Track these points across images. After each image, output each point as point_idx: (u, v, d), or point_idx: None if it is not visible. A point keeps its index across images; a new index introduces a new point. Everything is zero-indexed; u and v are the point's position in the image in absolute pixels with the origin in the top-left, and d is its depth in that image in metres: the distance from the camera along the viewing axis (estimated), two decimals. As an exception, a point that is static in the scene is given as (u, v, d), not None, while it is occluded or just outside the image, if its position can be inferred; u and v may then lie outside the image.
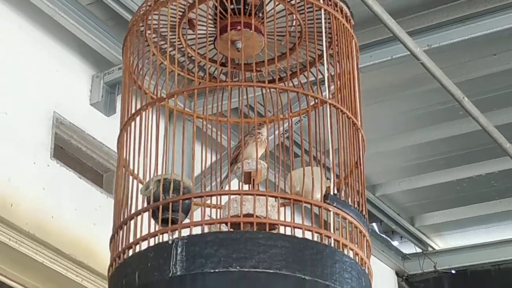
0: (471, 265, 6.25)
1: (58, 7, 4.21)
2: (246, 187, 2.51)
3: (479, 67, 4.77)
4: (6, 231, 3.88)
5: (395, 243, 6.27)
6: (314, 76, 2.69)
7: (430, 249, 6.33)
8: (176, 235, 2.21)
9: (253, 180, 2.51)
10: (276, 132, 2.77)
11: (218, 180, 2.70)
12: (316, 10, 2.59)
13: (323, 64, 2.60)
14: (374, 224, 6.15)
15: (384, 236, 6.19)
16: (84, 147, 4.48)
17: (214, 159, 2.67)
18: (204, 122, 2.67)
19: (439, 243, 6.36)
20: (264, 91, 2.53)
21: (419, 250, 6.31)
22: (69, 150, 4.46)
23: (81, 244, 4.17)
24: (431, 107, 5.08)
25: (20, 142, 4.07)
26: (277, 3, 2.62)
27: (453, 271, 6.31)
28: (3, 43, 4.15)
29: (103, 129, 4.49)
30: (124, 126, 2.49)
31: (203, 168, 2.51)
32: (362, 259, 2.34)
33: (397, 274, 6.38)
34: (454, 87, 4.36)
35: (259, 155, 2.56)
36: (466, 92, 4.50)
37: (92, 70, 4.55)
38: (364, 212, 2.42)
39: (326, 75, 2.54)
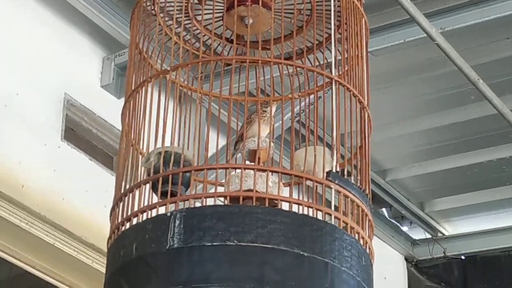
0: (480, 251, 6.22)
1: (69, -12, 4.20)
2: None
3: (492, 51, 4.72)
4: (17, 212, 3.89)
5: (405, 228, 6.25)
6: (323, 57, 2.67)
7: (439, 234, 6.30)
8: (175, 207, 2.21)
9: (258, 158, 2.50)
10: (285, 111, 2.75)
11: (224, 157, 2.69)
12: (326, -13, 2.57)
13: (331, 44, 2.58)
14: (383, 209, 6.13)
15: (393, 221, 6.17)
16: (95, 129, 4.48)
17: (222, 137, 2.65)
18: (209, 100, 2.66)
19: (448, 228, 6.34)
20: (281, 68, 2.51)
21: (428, 236, 6.28)
22: (80, 132, 4.46)
23: (92, 226, 4.17)
24: (442, 91, 5.05)
25: (31, 124, 4.07)
26: (286, -21, 2.60)
27: (462, 257, 6.28)
28: (13, 25, 4.14)
29: (114, 111, 4.46)
30: (129, 98, 2.48)
31: (208, 144, 2.50)
32: (363, 238, 2.33)
33: (406, 259, 6.36)
34: (469, 69, 4.33)
35: (264, 134, 2.55)
36: (478, 76, 4.47)
37: (102, 52, 4.54)
38: (367, 191, 2.40)
39: (333, 53, 2.52)
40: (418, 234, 6.32)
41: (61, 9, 4.32)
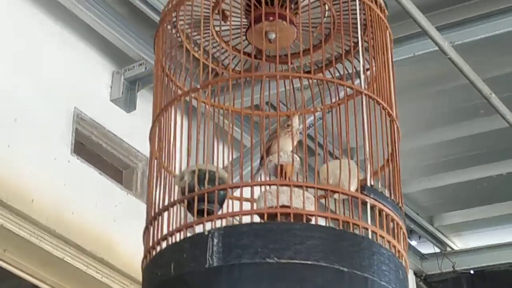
0: (489, 265, 6.21)
1: (79, 2, 4.20)
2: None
3: (503, 64, 4.73)
4: (27, 226, 3.87)
5: (414, 242, 6.24)
6: (347, 69, 2.65)
7: (448, 249, 6.29)
8: (211, 226, 2.18)
9: (285, 173, 2.48)
10: (307, 124, 2.74)
11: (247, 174, 2.66)
12: (350, 1, 2.56)
13: (357, 56, 2.57)
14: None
15: (402, 235, 6.14)
16: (104, 143, 4.47)
17: (245, 151, 2.64)
18: (234, 116, 2.65)
19: (457, 243, 6.32)
20: (301, 82, 2.49)
21: (437, 250, 6.27)
22: (90, 146, 4.45)
23: (102, 240, 4.16)
24: (452, 105, 5.05)
25: (40, 138, 4.06)
26: (310, -7, 2.59)
27: (471, 272, 6.27)
28: (24, 38, 4.14)
29: (123, 126, 4.49)
30: (157, 118, 2.46)
31: (242, 160, 2.49)
32: (399, 251, 2.31)
33: (415, 274, 6.34)
34: (482, 83, 4.33)
35: (290, 148, 2.53)
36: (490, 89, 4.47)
37: (112, 66, 4.54)
38: (400, 204, 2.38)
39: (361, 65, 2.51)
40: (427, 248, 6.31)
41: (70, 23, 4.32)
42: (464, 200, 5.89)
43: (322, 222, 2.21)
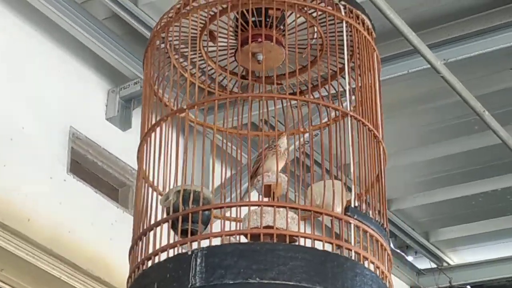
0: (486, 280, 6.21)
1: (75, 22, 4.22)
2: (266, 200, 2.50)
3: (495, 81, 4.75)
4: (23, 245, 3.88)
5: (410, 258, 6.24)
6: (335, 89, 2.68)
7: (445, 264, 6.30)
8: (195, 246, 2.20)
9: (273, 193, 2.50)
10: (296, 144, 2.76)
11: (238, 192, 2.68)
12: (338, 23, 2.58)
13: (344, 77, 2.60)
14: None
15: (398, 251, 6.16)
16: (100, 161, 4.48)
17: (233, 172, 2.66)
18: (222, 136, 2.67)
19: (454, 258, 6.33)
20: (284, 104, 2.52)
21: (434, 266, 6.28)
22: (85, 165, 4.46)
23: (98, 259, 4.16)
24: (446, 121, 5.07)
25: (36, 157, 4.08)
26: (298, 15, 2.61)
27: (468, 287, 6.27)
28: (19, 57, 4.16)
29: (119, 144, 4.49)
30: (144, 137, 2.48)
31: (223, 180, 2.51)
32: (383, 272, 2.33)
33: (411, 289, 6.35)
34: (474, 100, 4.35)
35: (279, 168, 2.54)
36: (483, 107, 4.48)
37: (108, 85, 4.56)
38: (385, 225, 2.40)
39: (347, 87, 2.53)
40: (424, 264, 6.31)
41: (66, 42, 4.34)
42: (460, 216, 5.90)
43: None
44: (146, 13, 4.35)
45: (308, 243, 2.26)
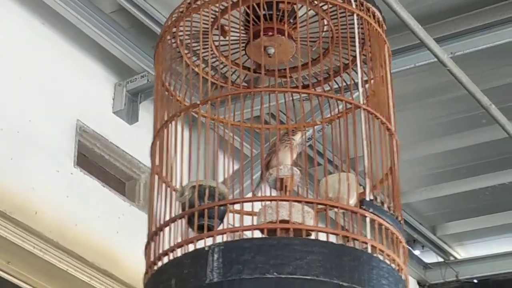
0: (493, 274, 6.21)
1: (81, 15, 4.22)
2: (278, 193, 2.49)
3: (503, 75, 4.74)
4: (30, 239, 3.89)
5: (417, 252, 6.24)
6: (346, 82, 2.68)
7: (452, 258, 6.30)
8: (212, 241, 2.20)
9: (286, 186, 2.49)
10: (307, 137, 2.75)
11: (250, 185, 2.67)
12: (349, 15, 2.58)
13: (355, 69, 2.59)
14: (395, 233, 6.11)
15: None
16: (107, 155, 4.49)
17: (245, 164, 2.65)
18: (234, 130, 2.66)
19: (461, 252, 6.32)
20: (300, 97, 2.51)
21: (441, 260, 6.27)
22: (92, 158, 4.46)
23: (105, 252, 4.17)
24: (453, 115, 5.06)
25: (43, 150, 4.08)
26: (309, 8, 2.60)
27: (475, 281, 6.27)
28: (27, 51, 4.16)
29: (126, 137, 4.50)
30: (158, 133, 2.47)
31: (234, 175, 2.50)
32: (399, 265, 2.32)
33: (418, 283, 6.34)
34: (481, 94, 4.34)
35: (290, 161, 2.54)
36: (490, 100, 4.48)
37: (114, 78, 4.56)
38: (400, 218, 2.39)
39: (359, 80, 2.52)
40: (430, 258, 6.31)
41: (73, 36, 4.34)
42: (467, 210, 5.89)
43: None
44: (153, 6, 4.35)
45: (322, 237, 2.26)
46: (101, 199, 4.28)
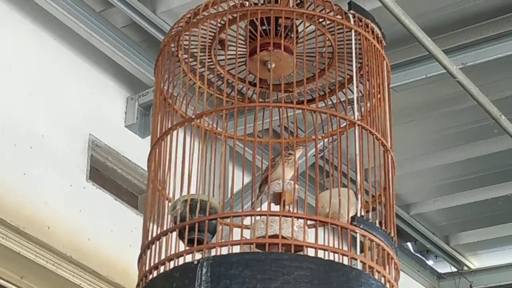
0: (507, 284, 6.18)
1: (93, 30, 4.27)
2: (277, 208, 2.51)
3: (512, 85, 4.74)
4: (43, 253, 3.93)
5: (430, 262, 6.23)
6: (341, 99, 2.69)
7: (465, 268, 6.28)
8: (202, 255, 2.22)
9: (284, 201, 2.51)
10: (308, 153, 2.77)
11: (249, 201, 2.70)
12: (347, 31, 2.59)
13: (352, 86, 2.60)
14: (408, 244, 6.12)
15: (419, 255, 6.15)
16: (120, 169, 4.52)
17: (245, 179, 2.68)
18: (237, 142, 2.69)
19: (474, 262, 6.30)
20: (294, 112, 2.53)
21: (454, 270, 6.26)
22: (105, 172, 4.50)
23: (118, 266, 4.19)
24: (465, 125, 5.06)
25: (56, 165, 4.12)
26: (308, 24, 2.62)
27: (489, 291, 6.25)
28: (39, 66, 4.20)
29: (138, 151, 4.52)
30: (154, 146, 2.51)
31: (234, 188, 2.52)
32: (389, 281, 2.33)
33: (432, 293, 6.33)
34: (491, 105, 4.34)
35: (289, 176, 2.56)
36: (500, 110, 4.48)
37: (126, 92, 4.59)
38: (392, 234, 2.40)
39: (355, 96, 2.54)
40: (444, 268, 6.29)
41: (85, 51, 4.38)
42: (480, 219, 5.87)
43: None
44: (164, 21, 4.39)
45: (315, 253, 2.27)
46: (114, 212, 4.31)
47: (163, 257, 2.28)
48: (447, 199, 5.69)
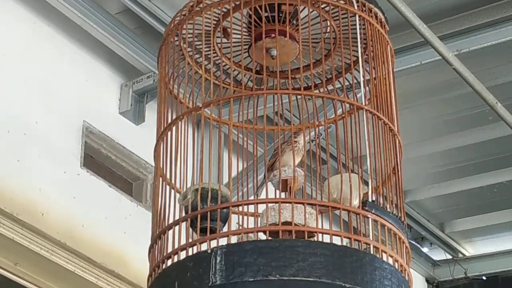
0: (502, 271, 6.20)
1: (87, 17, 4.23)
2: (283, 195, 2.50)
3: (509, 72, 4.74)
4: (37, 240, 3.91)
5: (425, 249, 6.24)
6: (349, 82, 2.68)
7: (460, 255, 6.29)
8: (214, 244, 2.21)
9: (290, 188, 2.50)
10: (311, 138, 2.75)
11: (253, 187, 2.69)
12: (351, 16, 2.58)
13: (358, 70, 2.59)
14: (403, 231, 6.11)
15: (414, 242, 6.15)
16: (114, 155, 4.50)
17: (249, 165, 2.66)
18: (239, 130, 2.67)
19: (469, 249, 6.32)
20: (299, 98, 2.52)
21: (449, 257, 6.27)
22: (99, 159, 4.48)
23: (112, 252, 4.18)
24: (460, 112, 5.06)
25: (50, 152, 4.09)
26: (311, 10, 2.61)
27: (484, 278, 6.26)
28: (32, 53, 4.17)
29: (132, 138, 4.51)
30: (161, 136, 2.48)
31: (239, 176, 2.51)
32: (401, 265, 2.33)
33: (427, 281, 6.33)
34: (486, 92, 4.34)
35: (296, 163, 2.55)
36: (496, 97, 4.47)
37: (120, 79, 4.57)
38: (403, 219, 2.40)
39: (362, 80, 2.53)
40: (439, 255, 6.30)
41: (79, 38, 4.35)
42: (475, 207, 5.88)
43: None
44: (159, 7, 4.36)
45: (326, 238, 2.26)
46: (108, 199, 4.30)
47: (175, 247, 2.25)
48: (442, 186, 5.69)
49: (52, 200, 4.01)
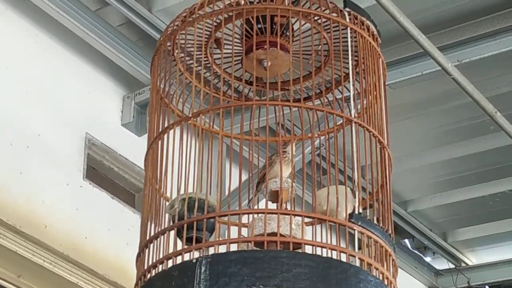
0: (505, 280, 6.20)
1: (89, 29, 4.27)
2: (274, 206, 2.51)
3: (508, 82, 4.75)
4: (40, 252, 3.93)
5: (428, 259, 6.24)
6: (341, 94, 2.69)
7: (463, 264, 6.29)
8: (201, 253, 2.23)
9: (281, 199, 2.52)
10: (305, 150, 2.77)
11: (246, 198, 2.70)
12: (343, 29, 2.60)
13: (349, 83, 2.60)
14: (406, 240, 6.13)
15: (416, 252, 6.16)
16: (116, 167, 4.52)
17: (242, 178, 2.67)
18: (233, 140, 2.69)
19: (472, 258, 6.32)
20: (291, 110, 2.53)
21: (452, 266, 6.27)
22: (102, 171, 4.50)
23: (115, 264, 4.20)
24: (461, 122, 5.07)
25: (53, 164, 4.12)
26: (303, 22, 2.63)
27: (487, 287, 6.25)
28: (35, 65, 4.20)
29: (135, 149, 4.52)
30: (151, 145, 2.51)
31: (231, 187, 2.53)
32: (387, 278, 2.34)
33: (430, 290, 6.35)
34: (486, 102, 4.35)
35: (286, 174, 2.56)
36: (496, 107, 4.48)
37: (123, 91, 4.59)
38: (390, 231, 2.41)
39: (352, 93, 2.54)
40: (442, 264, 6.30)
41: (81, 49, 4.38)
42: (478, 216, 5.89)
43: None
44: (160, 19, 4.39)
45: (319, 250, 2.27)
46: (111, 211, 4.32)
47: (161, 256, 2.28)
48: (444, 196, 5.70)
49: (55, 212, 4.03)
